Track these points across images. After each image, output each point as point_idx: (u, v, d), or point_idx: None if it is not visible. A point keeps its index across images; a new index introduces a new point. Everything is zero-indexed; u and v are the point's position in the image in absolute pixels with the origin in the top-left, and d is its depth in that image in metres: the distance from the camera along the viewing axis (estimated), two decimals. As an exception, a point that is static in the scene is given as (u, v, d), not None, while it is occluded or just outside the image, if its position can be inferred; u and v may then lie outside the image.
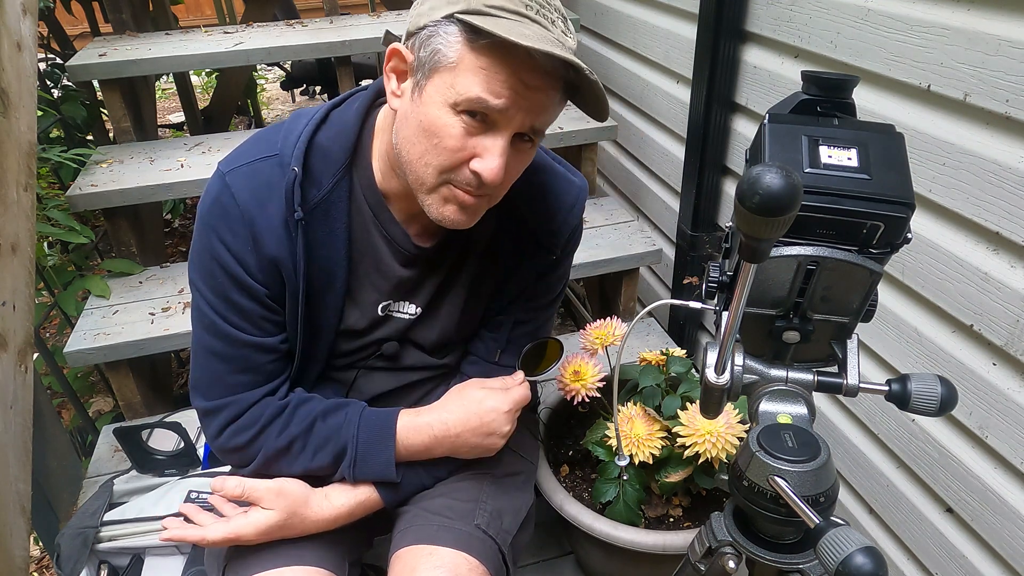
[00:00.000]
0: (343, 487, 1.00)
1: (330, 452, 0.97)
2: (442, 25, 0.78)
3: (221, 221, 0.89)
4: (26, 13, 1.40)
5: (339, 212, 0.92)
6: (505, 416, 1.00)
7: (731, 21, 1.51)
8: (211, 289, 0.92)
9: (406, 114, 0.84)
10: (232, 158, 0.92)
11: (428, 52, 0.79)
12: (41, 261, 1.82)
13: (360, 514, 1.01)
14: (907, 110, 1.14)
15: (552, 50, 0.74)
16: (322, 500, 0.98)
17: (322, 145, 0.92)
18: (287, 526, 0.95)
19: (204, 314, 0.93)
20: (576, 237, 1.08)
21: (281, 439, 0.96)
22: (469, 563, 0.95)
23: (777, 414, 0.67)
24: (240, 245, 0.89)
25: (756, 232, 0.50)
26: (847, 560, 0.53)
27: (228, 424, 0.96)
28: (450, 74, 0.78)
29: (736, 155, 1.64)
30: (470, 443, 1.00)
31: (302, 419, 0.97)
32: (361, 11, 2.64)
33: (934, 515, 1.23)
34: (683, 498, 1.32)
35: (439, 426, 0.99)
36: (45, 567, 1.88)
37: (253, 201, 0.89)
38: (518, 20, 0.76)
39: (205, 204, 0.91)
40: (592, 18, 2.27)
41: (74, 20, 2.57)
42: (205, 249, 0.91)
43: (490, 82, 0.77)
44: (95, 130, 2.51)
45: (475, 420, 0.99)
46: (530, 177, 0.98)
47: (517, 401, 1.01)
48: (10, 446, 1.22)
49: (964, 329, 1.11)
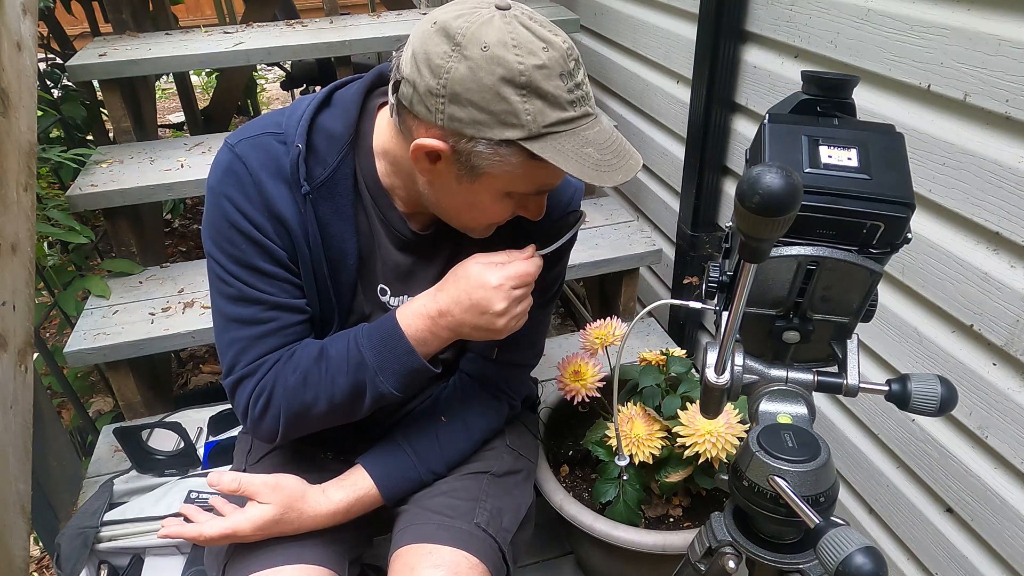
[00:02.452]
0: (341, 483, 1.00)
1: (349, 372, 0.92)
2: (498, 147, 0.78)
3: (234, 188, 0.89)
4: (26, 13, 1.40)
5: (345, 190, 0.93)
6: (495, 292, 0.88)
7: (731, 21, 1.51)
8: (232, 259, 0.91)
9: (448, 187, 0.86)
10: (239, 132, 0.94)
11: (481, 162, 0.80)
12: (41, 261, 1.82)
13: (358, 511, 1.01)
14: (907, 110, 1.14)
15: (617, 179, 0.80)
16: (319, 495, 0.98)
17: (325, 125, 0.93)
18: (284, 521, 0.94)
19: (228, 284, 0.92)
20: (572, 237, 1.07)
21: (295, 376, 0.92)
22: (469, 561, 0.95)
23: (777, 414, 0.67)
24: (255, 210, 0.90)
25: (756, 232, 0.50)
26: (847, 560, 0.53)
27: (253, 389, 0.94)
28: (508, 177, 0.82)
29: (736, 155, 1.64)
30: (468, 323, 0.91)
31: (309, 352, 0.94)
32: (361, 11, 2.64)
33: (934, 515, 1.23)
34: (683, 498, 1.32)
35: (432, 306, 0.92)
36: (45, 567, 1.88)
37: (264, 170, 0.90)
38: (570, 129, 0.79)
39: (216, 175, 0.91)
40: (592, 18, 2.27)
41: (74, 20, 2.57)
42: (222, 218, 0.90)
43: (551, 177, 0.84)
44: (95, 130, 2.51)
45: (464, 297, 0.90)
46: None
47: (512, 276, 0.89)
48: (10, 446, 1.21)
49: (964, 329, 1.11)
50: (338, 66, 2.10)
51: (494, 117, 0.76)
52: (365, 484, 1.01)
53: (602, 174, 0.79)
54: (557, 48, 0.76)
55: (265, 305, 0.93)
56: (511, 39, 0.75)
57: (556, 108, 0.77)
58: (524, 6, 0.80)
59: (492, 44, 0.74)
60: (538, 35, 0.76)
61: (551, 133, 0.77)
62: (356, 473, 1.02)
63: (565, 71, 0.77)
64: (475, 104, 0.75)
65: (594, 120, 0.81)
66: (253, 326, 0.93)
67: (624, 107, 2.19)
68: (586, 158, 0.78)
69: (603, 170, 0.79)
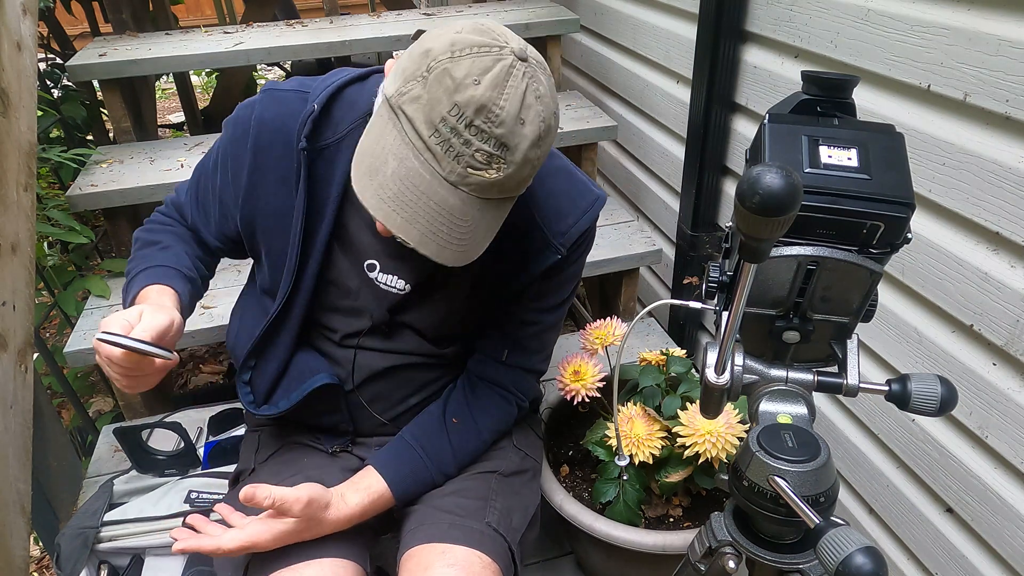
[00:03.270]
0: (356, 487, 1.00)
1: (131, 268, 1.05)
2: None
3: (234, 126, 1.00)
4: (26, 13, 1.40)
5: (344, 159, 0.95)
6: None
7: (731, 21, 1.51)
8: (204, 165, 1.08)
9: None
10: (278, 83, 1.02)
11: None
12: (41, 261, 1.82)
13: (373, 512, 1.01)
14: (907, 110, 1.14)
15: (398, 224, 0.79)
16: (339, 502, 0.98)
17: (350, 96, 0.98)
18: (305, 531, 0.94)
19: (195, 175, 1.10)
20: (586, 242, 1.08)
21: (144, 232, 1.11)
22: (482, 561, 0.95)
23: (777, 414, 0.67)
24: (240, 150, 0.98)
25: (756, 232, 0.50)
26: (847, 560, 0.53)
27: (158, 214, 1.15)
28: None
29: (736, 155, 1.64)
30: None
31: (164, 237, 1.09)
32: (361, 11, 2.64)
33: (934, 515, 1.23)
34: (683, 498, 1.32)
35: None
36: (45, 567, 1.89)
37: (276, 121, 0.96)
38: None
39: (235, 110, 1.01)
40: (592, 18, 2.27)
41: (74, 20, 2.57)
42: (217, 141, 1.04)
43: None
44: (95, 130, 2.51)
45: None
46: (545, 179, 1.00)
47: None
48: (10, 446, 1.21)
49: (964, 329, 1.11)
50: (338, 66, 2.10)
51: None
52: (379, 487, 1.01)
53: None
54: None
55: (199, 210, 1.09)
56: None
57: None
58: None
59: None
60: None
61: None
62: (369, 476, 1.02)
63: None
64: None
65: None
66: (190, 199, 1.11)
67: (624, 107, 2.19)
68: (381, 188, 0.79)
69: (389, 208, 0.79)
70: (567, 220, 1.02)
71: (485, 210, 0.81)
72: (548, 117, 0.79)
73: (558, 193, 1.03)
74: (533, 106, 0.77)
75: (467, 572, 0.93)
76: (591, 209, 1.04)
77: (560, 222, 1.02)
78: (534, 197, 0.99)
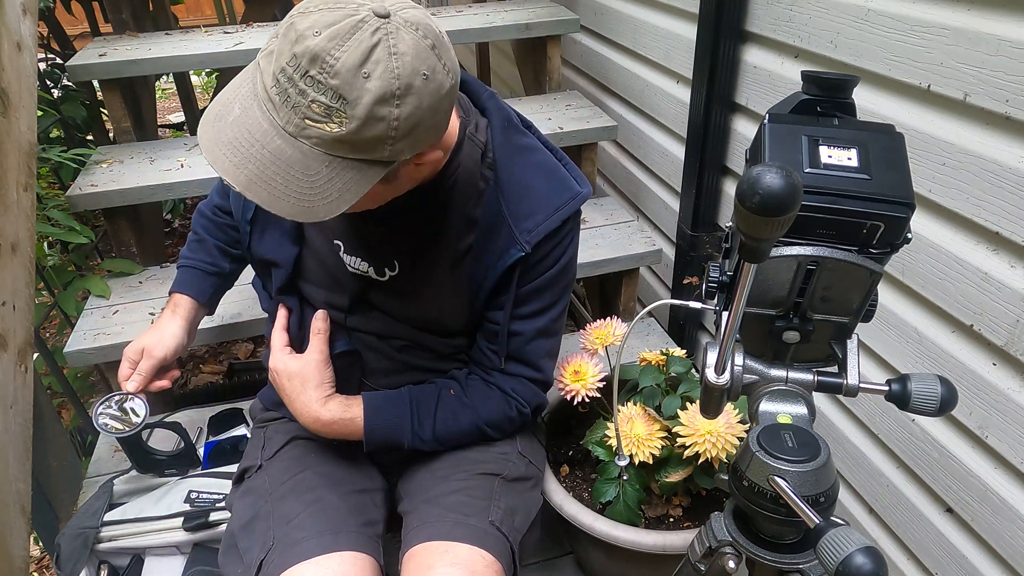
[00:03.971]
0: (342, 402, 1.06)
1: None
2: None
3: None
4: (26, 13, 1.40)
5: None
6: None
7: (731, 21, 1.51)
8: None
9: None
10: None
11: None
12: (41, 261, 1.82)
13: (338, 430, 1.05)
14: (907, 110, 1.14)
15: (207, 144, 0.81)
16: (321, 399, 1.05)
17: None
18: (281, 386, 1.07)
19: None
20: (559, 242, 1.03)
21: (194, 217, 1.31)
22: (485, 559, 0.95)
23: (777, 414, 0.67)
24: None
25: (756, 232, 0.50)
26: (847, 560, 0.53)
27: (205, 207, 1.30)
28: None
29: (736, 155, 1.64)
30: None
31: (195, 222, 1.30)
32: (361, 11, 2.63)
33: (934, 515, 1.23)
34: (683, 498, 1.32)
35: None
36: (45, 567, 1.89)
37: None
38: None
39: None
40: (592, 18, 2.27)
41: (74, 20, 2.57)
42: None
43: None
44: (95, 130, 2.51)
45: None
46: (519, 173, 1.00)
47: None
48: (10, 446, 1.22)
49: (964, 329, 1.11)
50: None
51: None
52: (355, 413, 1.05)
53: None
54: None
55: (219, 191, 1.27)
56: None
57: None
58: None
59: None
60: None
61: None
62: (356, 404, 1.07)
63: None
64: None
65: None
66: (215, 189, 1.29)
67: (624, 107, 2.19)
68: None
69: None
70: (535, 217, 1.00)
71: (339, 169, 0.78)
72: (407, 75, 0.75)
73: (531, 188, 1.01)
74: (383, 61, 0.74)
75: (469, 570, 0.93)
76: (564, 207, 1.01)
77: (528, 219, 1.00)
78: (505, 190, 0.98)
